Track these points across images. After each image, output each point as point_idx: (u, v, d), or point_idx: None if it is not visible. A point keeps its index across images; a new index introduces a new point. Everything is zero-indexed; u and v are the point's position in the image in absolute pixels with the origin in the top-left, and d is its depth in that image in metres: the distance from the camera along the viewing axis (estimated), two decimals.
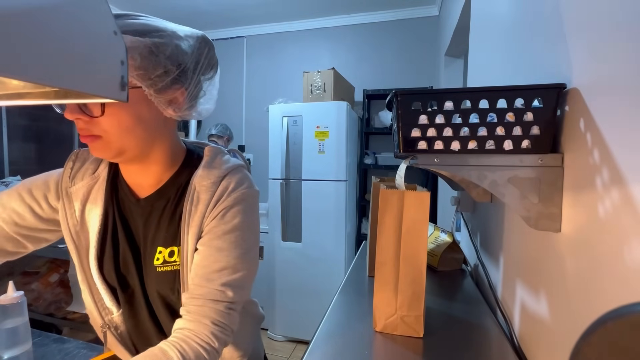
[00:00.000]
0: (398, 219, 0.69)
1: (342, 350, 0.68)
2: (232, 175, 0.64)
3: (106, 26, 0.36)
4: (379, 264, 0.71)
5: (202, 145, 0.72)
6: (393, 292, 0.71)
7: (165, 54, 0.53)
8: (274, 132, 2.52)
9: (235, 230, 0.61)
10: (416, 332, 0.72)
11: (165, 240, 0.63)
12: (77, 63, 0.32)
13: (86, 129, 0.54)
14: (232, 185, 0.62)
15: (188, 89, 0.58)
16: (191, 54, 0.57)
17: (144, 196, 0.64)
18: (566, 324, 0.51)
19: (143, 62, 0.51)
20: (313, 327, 0.77)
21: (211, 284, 0.57)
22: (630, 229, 0.38)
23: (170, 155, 0.64)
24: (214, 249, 0.59)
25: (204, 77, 0.61)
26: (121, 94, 0.39)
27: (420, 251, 0.69)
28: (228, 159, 0.67)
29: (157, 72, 0.52)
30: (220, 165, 0.65)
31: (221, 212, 0.61)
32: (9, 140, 2.36)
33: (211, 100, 0.65)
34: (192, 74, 0.58)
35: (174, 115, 0.59)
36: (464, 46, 1.98)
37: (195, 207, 0.61)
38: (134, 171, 0.64)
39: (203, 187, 0.62)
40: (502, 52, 0.92)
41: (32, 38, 0.28)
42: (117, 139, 0.55)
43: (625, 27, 0.40)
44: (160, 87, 0.54)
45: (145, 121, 0.57)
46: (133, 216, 0.65)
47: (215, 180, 0.62)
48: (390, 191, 0.69)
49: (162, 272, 0.62)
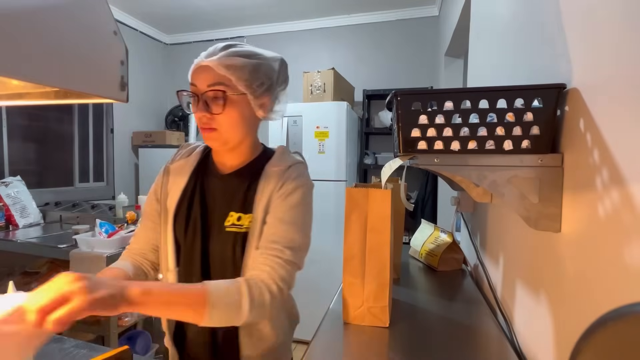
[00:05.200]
0: (364, 216, 0.75)
1: (342, 350, 0.68)
2: (295, 167, 0.79)
3: (106, 26, 0.36)
4: (347, 258, 0.77)
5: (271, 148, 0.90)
6: (360, 285, 0.76)
7: (262, 71, 0.73)
8: (273, 132, 2.51)
9: (296, 206, 0.74)
10: (382, 322, 0.76)
11: (237, 208, 0.77)
12: (77, 63, 0.32)
13: (208, 123, 0.72)
14: (294, 174, 0.77)
15: (272, 96, 0.78)
16: (277, 71, 0.77)
17: (226, 173, 0.81)
18: (566, 324, 0.51)
19: (249, 76, 0.71)
20: (313, 327, 0.77)
21: (275, 245, 0.71)
22: (630, 229, 0.38)
23: (252, 146, 0.82)
24: (278, 220, 0.73)
25: (280, 88, 0.81)
26: (121, 94, 0.39)
27: (384, 245, 0.75)
28: (294, 156, 0.84)
29: (257, 83, 0.72)
30: (287, 158, 0.82)
31: (284, 193, 0.75)
32: (9, 140, 2.36)
33: (285, 105, 0.85)
34: (277, 86, 0.78)
35: (262, 115, 0.78)
36: (464, 46, 1.98)
37: (266, 186, 0.76)
38: (224, 154, 0.81)
39: (274, 172, 0.78)
40: (502, 52, 0.92)
41: (32, 38, 0.28)
42: (227, 131, 0.73)
43: (625, 27, 0.40)
44: (257, 94, 0.73)
45: (245, 119, 0.75)
46: (213, 187, 0.81)
47: (284, 168, 0.78)
48: (355, 190, 0.76)
49: (229, 232, 0.75)
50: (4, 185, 2.16)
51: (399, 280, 1.06)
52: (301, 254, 0.74)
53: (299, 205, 0.75)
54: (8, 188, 2.15)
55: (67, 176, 2.79)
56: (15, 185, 2.20)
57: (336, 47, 3.11)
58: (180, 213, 0.79)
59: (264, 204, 0.75)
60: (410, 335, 0.73)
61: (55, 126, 2.74)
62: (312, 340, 0.71)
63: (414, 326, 0.77)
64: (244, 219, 0.76)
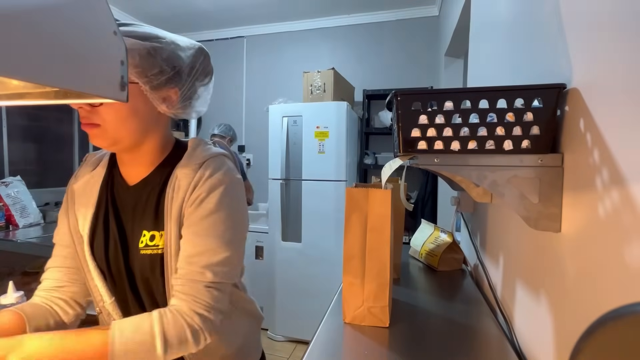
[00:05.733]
0: (364, 216, 0.74)
1: (342, 350, 0.68)
2: (210, 162, 0.67)
3: (106, 26, 0.36)
4: (347, 259, 0.76)
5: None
6: (360, 285, 0.76)
7: (162, 56, 0.60)
8: (274, 132, 2.52)
9: (211, 214, 0.64)
10: (382, 322, 0.76)
11: (149, 225, 0.67)
12: (77, 63, 0.32)
13: (87, 117, 0.60)
14: (208, 171, 0.66)
15: (182, 89, 0.64)
16: (187, 60, 0.64)
17: (133, 183, 0.69)
18: (566, 324, 0.51)
19: (141, 61, 0.58)
20: (313, 327, 0.77)
21: (191, 267, 0.62)
22: (630, 229, 0.38)
23: (160, 147, 0.70)
24: (192, 234, 0.63)
25: (199, 82, 0.68)
26: (121, 94, 0.39)
27: (384, 245, 0.74)
28: (209, 148, 0.71)
29: (153, 71, 0.59)
30: (200, 153, 0.69)
31: (197, 198, 0.64)
32: (9, 140, 2.36)
33: (205, 103, 0.72)
34: (187, 77, 0.64)
35: (167, 111, 0.65)
36: (464, 46, 1.98)
37: (176, 194, 0.65)
38: (127, 161, 0.70)
39: (183, 174, 0.66)
40: (502, 52, 0.92)
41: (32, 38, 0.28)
42: (114, 127, 0.61)
43: (625, 27, 0.40)
44: (155, 85, 0.60)
45: (140, 114, 0.63)
46: (123, 203, 0.69)
47: (195, 167, 0.66)
48: (355, 190, 0.75)
49: (144, 255, 0.65)
50: (4, 185, 2.16)
51: (399, 280, 1.06)
52: (228, 270, 0.64)
53: (216, 211, 0.63)
54: (8, 188, 2.15)
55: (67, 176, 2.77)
56: (15, 185, 2.20)
57: (336, 47, 3.11)
58: (97, 238, 0.68)
59: (175, 216, 0.64)
60: (410, 335, 0.73)
61: (55, 126, 2.74)
62: (312, 340, 0.71)
63: (414, 326, 0.77)
64: (158, 238, 0.65)
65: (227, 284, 0.65)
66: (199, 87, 0.68)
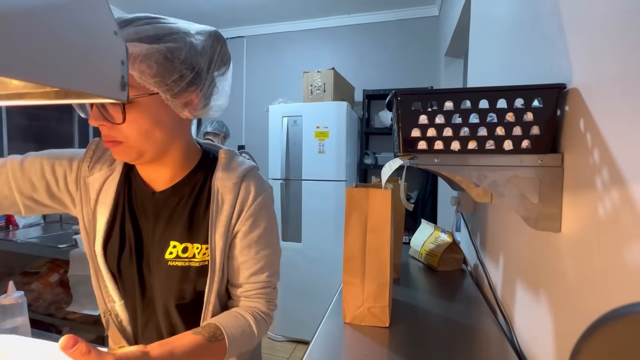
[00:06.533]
0: (364, 216, 0.74)
1: (342, 350, 0.68)
2: (249, 177, 0.69)
3: (106, 26, 0.36)
4: (347, 259, 0.76)
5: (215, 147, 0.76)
6: (360, 285, 0.76)
7: (179, 58, 0.54)
8: (274, 132, 2.52)
9: (266, 231, 0.69)
10: (382, 322, 0.76)
11: (181, 236, 0.65)
12: (77, 63, 0.32)
13: (109, 135, 0.56)
14: (253, 189, 0.68)
15: (202, 89, 0.60)
16: (204, 54, 0.58)
17: (159, 190, 0.66)
18: (566, 324, 0.51)
19: (159, 70, 0.53)
20: (313, 327, 0.77)
21: (259, 277, 0.68)
22: (630, 228, 0.38)
23: (185, 154, 0.67)
24: (253, 251, 0.68)
25: (217, 73, 0.63)
26: (121, 94, 0.39)
27: (384, 245, 0.74)
28: (243, 161, 0.72)
29: (173, 77, 0.54)
30: (237, 167, 0.69)
31: (251, 217, 0.67)
32: (9, 140, 2.36)
33: (224, 95, 0.66)
34: (206, 74, 0.59)
35: (189, 116, 0.61)
36: (464, 46, 1.98)
37: (220, 208, 0.66)
38: (149, 168, 0.66)
39: (226, 189, 0.66)
40: (502, 52, 0.92)
41: (32, 38, 0.28)
42: (137, 143, 0.57)
43: (626, 27, 0.40)
44: (176, 92, 0.56)
45: (163, 125, 0.59)
46: (145, 209, 0.66)
47: (236, 181, 0.67)
48: (355, 190, 0.75)
49: (173, 266, 0.64)
50: None
51: (399, 280, 1.06)
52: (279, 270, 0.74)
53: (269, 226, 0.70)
54: None
55: None
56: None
57: (336, 47, 3.11)
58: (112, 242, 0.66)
59: (221, 232, 0.64)
60: (410, 335, 0.73)
61: (55, 126, 2.74)
62: (312, 340, 0.71)
63: (414, 326, 0.77)
64: (192, 250, 0.64)
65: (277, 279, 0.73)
66: (217, 79, 0.63)
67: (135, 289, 0.67)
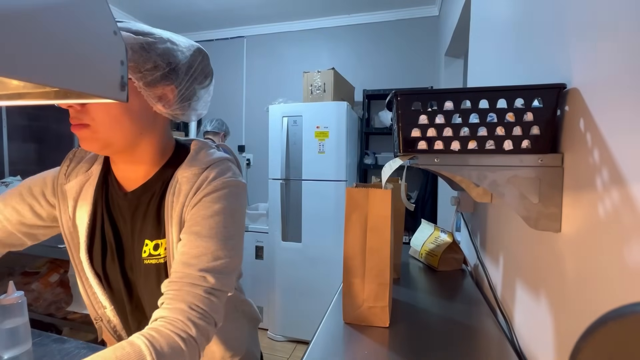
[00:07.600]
0: (364, 216, 0.74)
1: (342, 350, 0.68)
2: (214, 166, 0.64)
3: (106, 26, 0.36)
4: (347, 258, 0.76)
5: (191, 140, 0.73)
6: (360, 285, 0.76)
7: (156, 51, 0.56)
8: (274, 132, 2.52)
9: (214, 215, 0.59)
10: (382, 322, 0.76)
11: (152, 233, 0.64)
12: (77, 63, 0.32)
13: (77, 117, 0.55)
14: (212, 174, 0.63)
15: (179, 87, 0.60)
16: (183, 57, 0.60)
17: (131, 189, 0.66)
18: (566, 324, 0.51)
19: (134, 56, 0.54)
20: (313, 327, 0.77)
21: (189, 269, 0.55)
22: (630, 228, 0.38)
23: (158, 150, 0.65)
24: (193, 234, 0.58)
25: (198, 84, 0.64)
26: (121, 94, 0.39)
27: (384, 245, 0.74)
28: (213, 152, 0.68)
29: (147, 66, 0.55)
30: (203, 157, 0.66)
31: (201, 199, 0.60)
32: (9, 140, 2.36)
33: (205, 106, 0.68)
34: (184, 75, 0.60)
35: (163, 111, 0.60)
36: (464, 46, 1.98)
37: (177, 199, 0.62)
38: (122, 165, 0.66)
39: (184, 179, 0.62)
40: (502, 52, 0.92)
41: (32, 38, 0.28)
42: (105, 128, 0.56)
43: (625, 27, 0.40)
44: (149, 81, 0.56)
45: (133, 113, 0.58)
46: (121, 210, 0.66)
47: (198, 172, 0.63)
48: (355, 190, 0.75)
49: (148, 264, 0.63)
50: (4, 185, 2.16)
51: (399, 280, 1.06)
52: (229, 278, 0.58)
53: (221, 213, 0.59)
54: (8, 188, 2.15)
55: None
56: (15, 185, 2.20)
57: (336, 47, 3.11)
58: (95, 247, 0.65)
59: (176, 221, 0.60)
60: (410, 335, 0.73)
61: (55, 126, 2.74)
62: (312, 340, 0.71)
63: (414, 326, 0.77)
64: (162, 247, 0.62)
65: (225, 293, 0.58)
66: (199, 90, 0.64)
67: (122, 292, 0.66)
